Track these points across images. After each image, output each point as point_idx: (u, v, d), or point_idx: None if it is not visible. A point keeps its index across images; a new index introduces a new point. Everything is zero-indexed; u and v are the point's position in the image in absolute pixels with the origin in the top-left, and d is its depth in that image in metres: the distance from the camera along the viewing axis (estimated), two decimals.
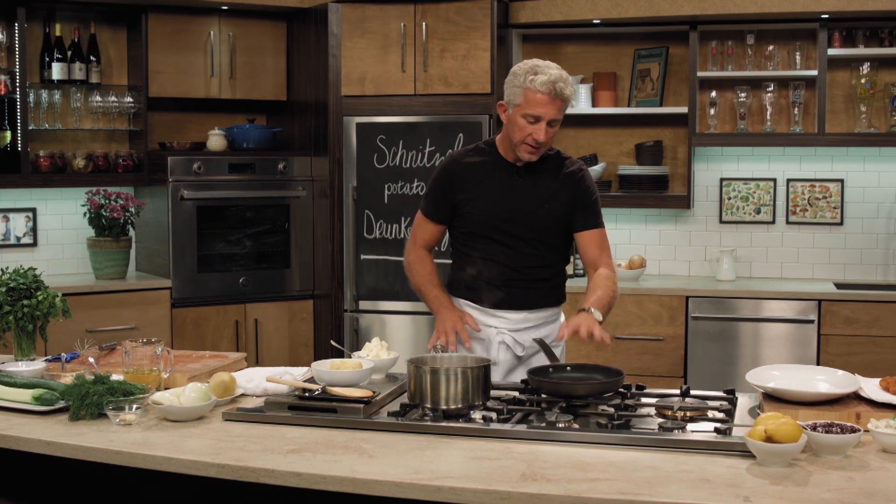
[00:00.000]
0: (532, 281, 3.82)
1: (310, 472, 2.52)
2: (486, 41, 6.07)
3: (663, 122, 6.45)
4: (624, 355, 5.97)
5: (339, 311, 6.33)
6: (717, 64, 6.26)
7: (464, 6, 6.08)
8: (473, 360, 3.13)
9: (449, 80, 6.12)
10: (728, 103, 6.36)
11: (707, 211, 6.52)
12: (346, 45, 6.23)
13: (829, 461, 2.53)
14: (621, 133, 6.58)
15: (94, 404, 2.99)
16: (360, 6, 6.20)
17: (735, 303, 5.91)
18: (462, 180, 3.83)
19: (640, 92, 6.45)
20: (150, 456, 2.70)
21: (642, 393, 3.22)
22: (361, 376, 3.18)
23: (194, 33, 6.45)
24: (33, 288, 3.69)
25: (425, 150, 6.15)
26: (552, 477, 2.44)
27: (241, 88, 6.61)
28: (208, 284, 6.28)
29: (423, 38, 6.13)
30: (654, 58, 6.42)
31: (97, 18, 6.39)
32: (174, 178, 6.16)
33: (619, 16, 6.14)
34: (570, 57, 6.62)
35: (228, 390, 3.17)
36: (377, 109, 6.21)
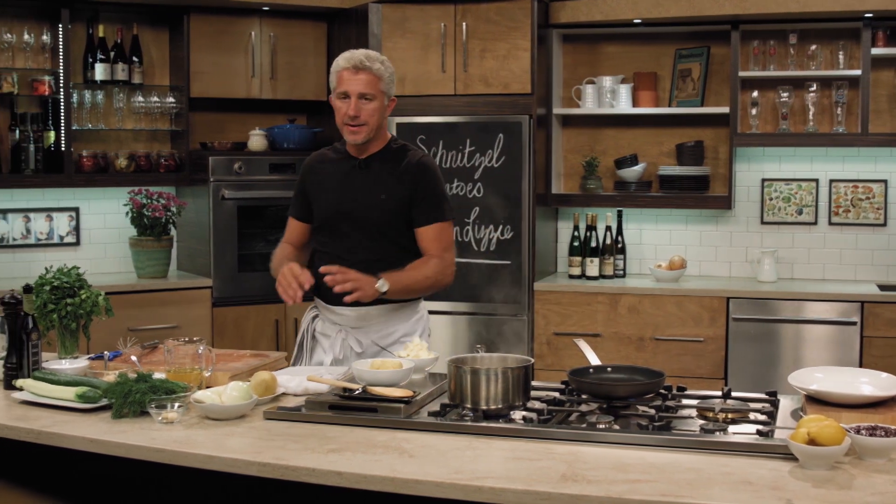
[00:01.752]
0: (371, 275, 3.69)
1: (350, 471, 2.53)
2: (526, 41, 6.06)
3: (704, 122, 6.41)
4: (664, 356, 5.95)
5: None
6: (758, 63, 6.22)
7: (504, 6, 6.07)
8: (514, 360, 3.13)
9: (489, 80, 6.12)
10: (770, 103, 6.31)
11: (748, 212, 6.47)
12: (386, 45, 6.23)
13: (873, 464, 2.51)
14: (662, 133, 6.55)
15: (137, 402, 3.01)
16: (401, 6, 6.21)
17: (776, 304, 5.87)
18: (312, 178, 3.96)
19: (681, 92, 6.42)
20: (192, 454, 2.71)
21: (683, 394, 3.21)
22: (402, 376, 3.19)
23: (236, 34, 6.48)
24: (76, 287, 3.72)
25: (465, 150, 6.15)
26: (593, 478, 2.43)
27: (281, 88, 6.63)
28: (248, 284, 6.31)
29: (463, 38, 6.13)
30: (696, 57, 6.39)
31: (140, 19, 6.44)
32: (215, 177, 6.20)
33: (659, 15, 6.11)
34: (610, 57, 6.60)
35: (269, 389, 3.18)
36: (417, 109, 6.22)
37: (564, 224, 6.72)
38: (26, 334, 3.39)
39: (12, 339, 3.40)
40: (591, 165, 6.53)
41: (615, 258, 6.43)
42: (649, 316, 6.01)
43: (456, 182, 6.15)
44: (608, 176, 6.60)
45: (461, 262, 6.10)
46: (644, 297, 6.04)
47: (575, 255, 6.41)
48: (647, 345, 6.01)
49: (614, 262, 6.42)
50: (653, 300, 6.02)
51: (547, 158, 6.43)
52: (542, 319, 6.16)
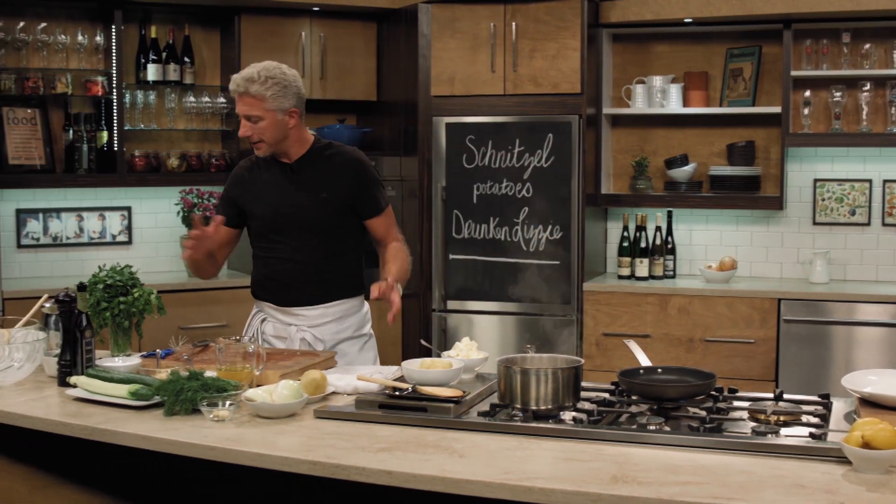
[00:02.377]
0: (322, 274, 3.92)
1: (400, 470, 2.53)
2: (576, 41, 6.05)
3: (755, 121, 6.36)
4: (714, 357, 5.91)
5: (428, 311, 6.36)
6: (811, 63, 6.16)
7: (554, 6, 6.06)
8: (564, 360, 3.12)
9: (538, 80, 6.11)
10: (822, 103, 6.25)
11: (800, 212, 6.41)
12: (435, 45, 6.24)
13: None
14: (712, 133, 6.51)
15: (189, 400, 3.03)
16: (450, 6, 6.21)
17: (828, 306, 5.81)
18: (242, 187, 3.98)
19: (732, 91, 6.38)
20: (244, 452, 2.73)
21: (734, 396, 3.18)
22: (451, 376, 3.19)
23: (286, 34, 6.51)
24: (129, 285, 3.75)
25: (514, 150, 6.14)
26: (643, 479, 2.42)
27: (331, 89, 6.66)
28: None
29: (512, 38, 6.12)
30: (747, 57, 6.34)
31: (191, 20, 6.50)
32: None
33: (711, 14, 6.07)
34: (660, 56, 6.57)
35: (320, 388, 3.20)
36: (466, 109, 6.22)
37: (614, 224, 6.70)
38: (80, 332, 3.43)
39: (66, 336, 3.44)
40: (641, 165, 6.50)
41: (665, 259, 6.40)
42: (699, 317, 5.98)
43: (505, 182, 6.15)
44: (658, 176, 6.57)
45: (510, 263, 6.12)
46: (694, 297, 6.00)
47: (624, 256, 6.38)
48: (697, 346, 5.98)
49: (664, 263, 6.39)
50: (703, 301, 5.98)
51: (596, 158, 6.41)
52: (591, 320, 6.14)
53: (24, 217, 6.23)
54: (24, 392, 3.37)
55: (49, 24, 6.11)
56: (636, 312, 6.08)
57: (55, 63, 6.12)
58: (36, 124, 6.09)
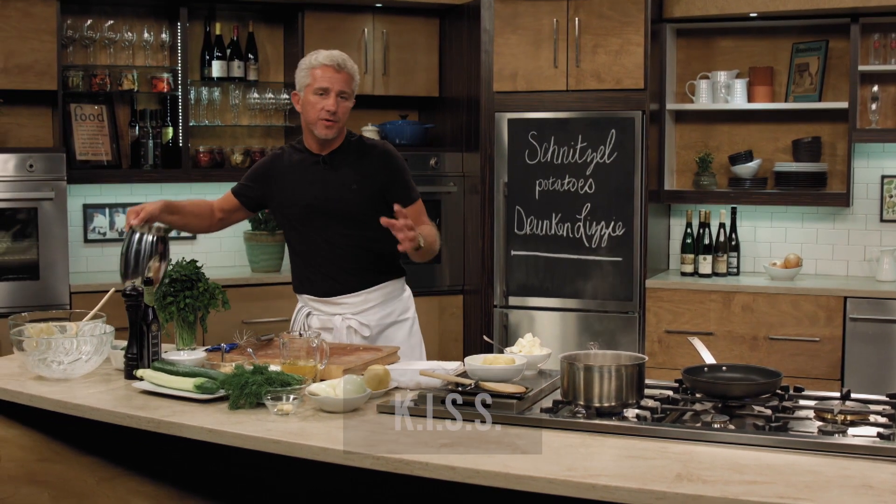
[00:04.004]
0: (359, 262, 3.97)
1: (463, 465, 2.53)
2: (639, 36, 6.01)
3: (822, 117, 6.28)
4: (778, 356, 5.85)
5: (489, 307, 6.35)
6: (879, 57, 6.07)
7: (617, 1, 6.03)
8: (628, 357, 3.11)
9: (601, 75, 6.08)
10: (890, 98, 6.16)
11: (867, 209, 6.32)
12: (497, 41, 6.24)
13: None
14: (778, 129, 6.44)
15: (253, 394, 3.05)
16: (513, 2, 6.20)
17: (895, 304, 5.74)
18: (274, 174, 4.02)
19: (798, 87, 6.30)
20: (307, 445, 2.74)
21: (800, 395, 3.15)
22: (514, 372, 3.18)
23: (349, 31, 6.54)
24: (195, 279, 3.79)
25: (577, 145, 6.12)
26: (708, 478, 2.40)
27: (394, 85, 6.68)
28: None
29: (575, 34, 6.10)
30: (813, 51, 6.26)
31: (255, 17, 6.55)
32: None
33: (776, 9, 6.01)
34: (725, 51, 6.51)
35: (383, 383, 3.21)
36: (529, 105, 6.21)
37: (677, 221, 6.65)
38: (146, 325, 3.47)
39: (133, 330, 3.48)
40: (705, 161, 6.45)
41: (728, 256, 6.34)
42: (763, 315, 5.92)
43: (567, 178, 6.13)
44: (722, 172, 6.51)
45: (572, 259, 6.10)
46: (758, 295, 5.95)
47: (687, 253, 6.34)
48: (761, 344, 5.92)
49: (727, 260, 6.33)
50: (767, 299, 5.92)
51: (660, 154, 6.37)
52: (653, 317, 6.10)
53: (91, 212, 6.32)
54: (91, 384, 3.42)
55: (116, 21, 6.19)
56: (699, 310, 6.04)
57: (122, 60, 6.20)
58: (103, 120, 6.17)
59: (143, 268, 3.69)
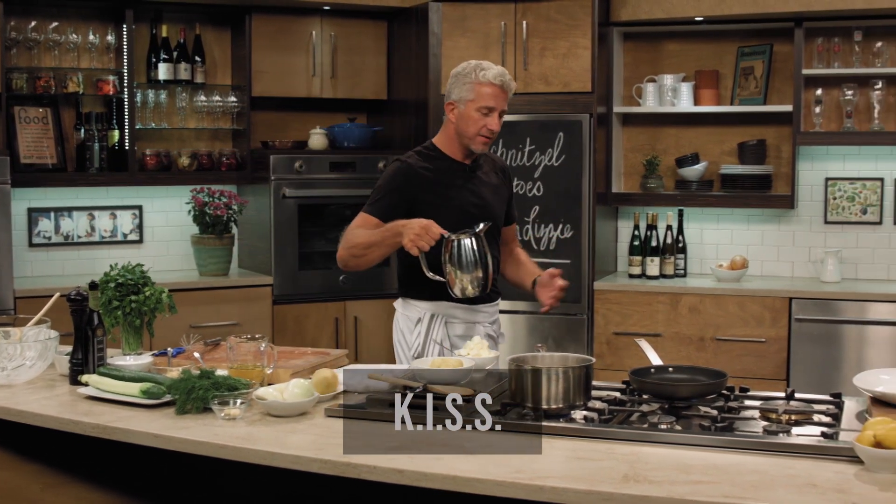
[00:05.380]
0: (496, 271, 3.97)
1: (411, 469, 2.53)
2: (586, 39, 6.04)
3: (767, 120, 6.35)
4: (725, 356, 5.90)
5: None
6: (822, 61, 6.15)
7: (564, 4, 6.06)
8: (575, 359, 3.12)
9: (549, 78, 6.10)
10: (834, 101, 6.23)
11: (811, 211, 6.40)
12: (446, 43, 6.24)
13: None
14: (723, 132, 6.50)
15: (200, 398, 3.03)
16: (461, 5, 6.21)
17: (840, 305, 5.80)
18: (422, 184, 3.88)
19: (744, 90, 6.37)
20: (255, 450, 2.73)
21: (746, 395, 3.18)
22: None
23: (297, 33, 6.52)
24: (141, 284, 3.76)
25: (525, 148, 6.14)
26: (655, 479, 2.42)
27: (342, 88, 6.66)
28: (309, 282, 6.35)
29: (523, 37, 6.12)
30: (758, 55, 6.33)
31: (202, 19, 6.51)
32: (276, 176, 6.24)
33: (722, 13, 6.06)
34: (671, 55, 6.56)
35: (331, 387, 3.20)
36: None
37: (624, 223, 6.69)
38: (91, 330, 3.43)
39: (78, 335, 3.44)
40: (652, 164, 6.50)
41: (676, 258, 6.39)
42: (710, 316, 5.97)
43: (516, 181, 6.14)
44: (669, 175, 6.56)
45: None
46: (705, 296, 6.00)
47: (635, 255, 6.38)
48: (708, 345, 5.97)
49: (675, 262, 6.38)
50: (714, 300, 5.97)
51: (607, 157, 6.41)
52: (601, 319, 6.13)
53: (36, 216, 6.25)
54: (36, 390, 3.38)
55: (60, 23, 6.12)
56: (647, 311, 6.08)
57: (67, 62, 6.14)
58: (47, 123, 6.11)
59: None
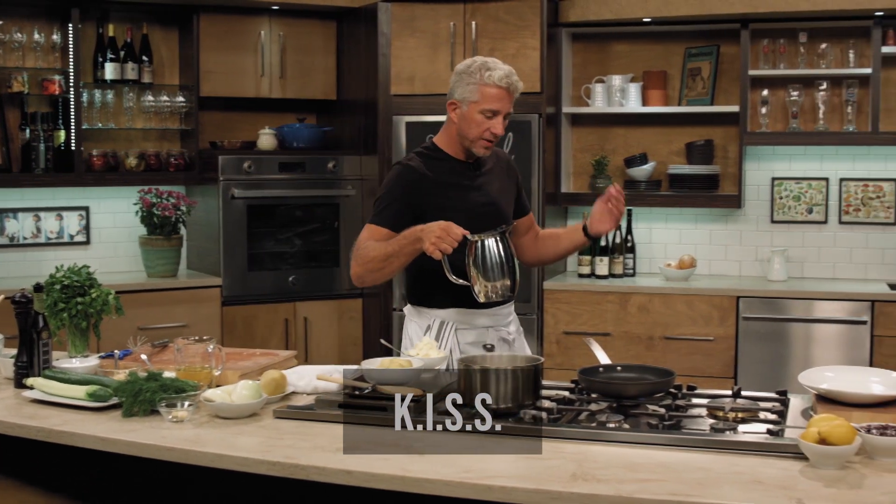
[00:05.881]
0: None
1: (360, 469, 2.52)
2: (535, 40, 6.06)
3: (714, 120, 6.40)
4: (674, 355, 5.94)
5: (388, 310, 6.34)
6: (768, 62, 6.21)
7: (513, 5, 6.07)
8: (524, 359, 3.13)
9: None
10: (780, 102, 6.30)
11: (758, 210, 6.46)
12: (395, 44, 6.24)
13: (884, 464, 2.50)
14: (671, 132, 6.54)
15: (147, 401, 3.01)
16: (410, 5, 6.21)
17: (786, 303, 5.86)
18: (426, 185, 3.74)
19: (691, 91, 6.41)
20: (202, 452, 2.71)
21: (693, 393, 3.20)
22: (411, 375, 3.18)
23: (245, 33, 6.49)
24: (87, 286, 3.72)
25: None
26: (602, 477, 2.43)
27: (291, 88, 6.64)
28: (258, 283, 6.32)
29: (472, 37, 6.13)
30: (705, 56, 6.38)
31: (149, 19, 6.45)
32: (225, 176, 6.21)
33: (669, 14, 6.11)
34: (620, 55, 6.59)
35: (279, 388, 3.18)
36: (427, 108, 6.21)
37: (574, 223, 6.70)
38: (37, 333, 3.40)
39: (23, 337, 3.41)
40: (601, 164, 6.53)
41: (624, 257, 6.43)
42: (659, 315, 6.01)
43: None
44: (618, 175, 6.59)
45: None
46: (654, 296, 6.04)
47: (585, 255, 6.40)
48: (657, 344, 6.01)
49: (624, 262, 6.42)
50: (663, 299, 6.01)
51: (556, 157, 6.43)
52: (551, 318, 6.16)
53: None
54: None
55: (5, 22, 6.04)
56: (596, 311, 6.11)
57: (11, 62, 6.06)
58: None
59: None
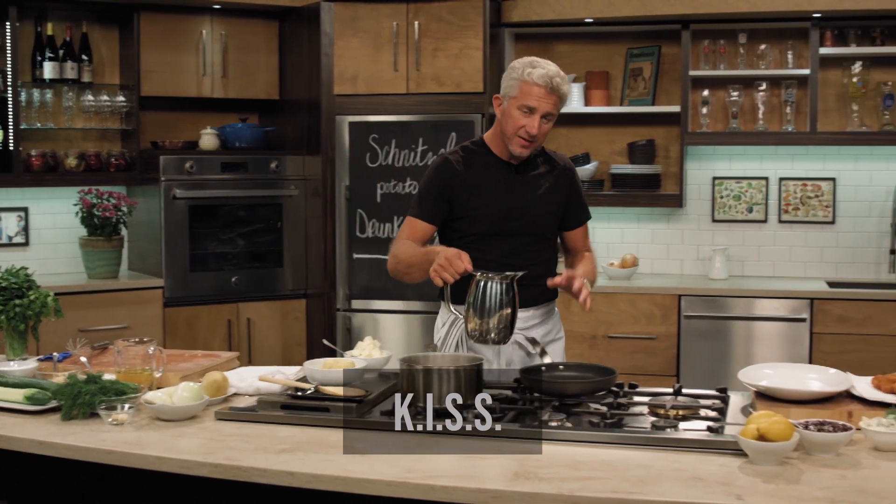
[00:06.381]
0: (534, 278, 3.72)
1: (302, 471, 2.52)
2: (478, 40, 6.07)
3: (656, 121, 6.45)
4: (617, 354, 5.97)
5: (332, 311, 6.33)
6: (709, 63, 6.27)
7: (456, 5, 6.08)
8: (466, 359, 3.13)
9: (441, 79, 6.12)
10: (720, 102, 6.36)
11: (699, 210, 6.52)
12: (338, 43, 6.22)
13: (821, 459, 2.54)
14: (614, 132, 6.58)
15: (87, 404, 2.98)
16: (353, 5, 6.19)
17: (727, 301, 5.92)
18: (460, 181, 3.75)
19: (633, 91, 6.46)
20: (142, 455, 2.69)
21: (635, 392, 3.22)
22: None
23: (186, 32, 6.43)
24: (25, 287, 3.68)
25: (418, 148, 6.15)
26: (545, 476, 2.44)
27: (233, 87, 6.59)
28: (201, 284, 6.27)
29: (415, 37, 6.13)
30: (647, 57, 6.42)
31: (89, 18, 6.38)
32: (166, 177, 6.15)
33: (611, 15, 6.15)
34: (562, 56, 6.62)
35: (221, 389, 3.17)
36: (370, 108, 6.21)
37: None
38: None
39: None
40: None
41: None
42: (602, 314, 6.04)
43: (409, 181, 6.15)
44: None
45: None
46: (596, 295, 6.05)
47: None
48: (600, 343, 6.04)
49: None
50: (605, 298, 6.04)
51: None
52: None
53: None
54: None
55: None
56: None
57: None
58: None
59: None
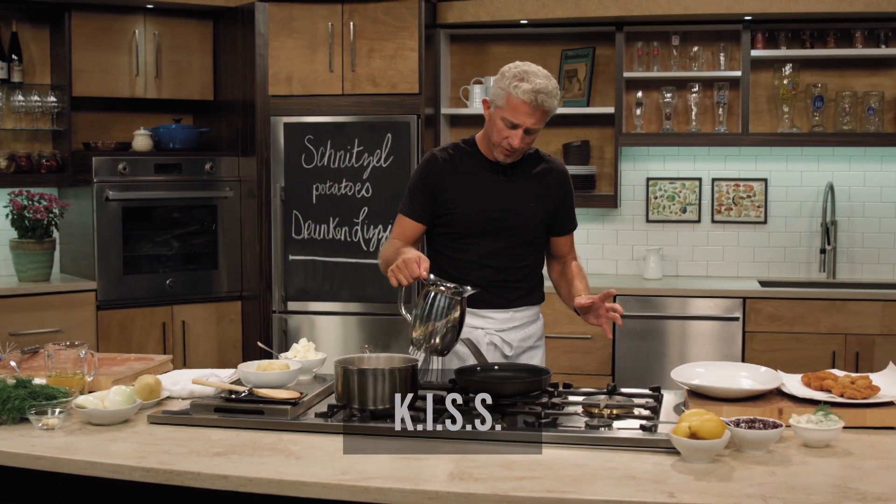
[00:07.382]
0: (516, 280, 3.78)
1: (236, 474, 2.51)
2: (413, 41, 6.07)
3: (590, 122, 6.49)
4: (552, 354, 5.98)
5: (268, 313, 6.30)
6: (642, 64, 6.32)
7: (392, 6, 6.07)
8: (401, 360, 3.13)
9: (377, 80, 6.11)
10: (654, 103, 6.42)
11: (634, 210, 6.57)
12: (273, 44, 6.19)
13: (752, 456, 2.57)
14: (549, 133, 6.60)
15: (16, 409, 2.94)
16: (287, 5, 6.17)
17: (662, 301, 5.97)
18: (445, 179, 3.75)
19: (568, 92, 6.49)
20: (73, 461, 2.66)
21: (569, 391, 3.25)
22: (288, 377, 3.17)
23: (119, 32, 6.36)
24: None
25: (353, 150, 6.13)
26: (479, 476, 2.45)
27: (166, 88, 6.53)
28: (134, 286, 6.21)
29: (350, 38, 6.11)
30: (581, 58, 6.46)
31: (19, 17, 6.29)
32: (99, 178, 6.08)
33: (546, 16, 6.17)
34: (497, 57, 6.64)
35: (154, 393, 3.14)
36: (305, 109, 6.18)
37: None
38: None
39: None
40: None
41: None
42: None
43: (344, 182, 6.13)
44: None
45: (350, 263, 6.11)
46: None
47: None
48: None
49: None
50: None
51: None
52: None
53: None
54: None
55: None
56: None
57: None
58: None
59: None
